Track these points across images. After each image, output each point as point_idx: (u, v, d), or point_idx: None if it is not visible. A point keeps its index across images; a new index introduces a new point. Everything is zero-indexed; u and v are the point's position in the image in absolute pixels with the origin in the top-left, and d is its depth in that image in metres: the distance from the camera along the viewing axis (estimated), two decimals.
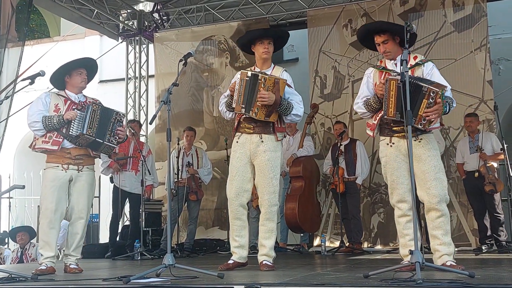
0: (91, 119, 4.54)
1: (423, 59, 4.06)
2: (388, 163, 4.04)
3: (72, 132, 4.51)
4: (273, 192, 4.31)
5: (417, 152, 3.90)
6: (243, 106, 4.23)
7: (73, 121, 4.51)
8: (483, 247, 6.46)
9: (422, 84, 3.75)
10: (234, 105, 4.30)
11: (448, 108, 3.85)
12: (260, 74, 4.25)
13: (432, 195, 3.86)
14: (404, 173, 3.93)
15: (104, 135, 4.62)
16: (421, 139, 3.92)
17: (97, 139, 4.56)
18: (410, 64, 3.96)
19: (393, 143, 3.99)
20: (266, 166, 4.29)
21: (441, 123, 4.08)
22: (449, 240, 3.86)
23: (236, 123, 4.42)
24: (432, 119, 3.78)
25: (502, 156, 6.58)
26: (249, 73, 4.27)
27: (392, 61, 4.08)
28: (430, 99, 3.71)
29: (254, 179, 4.38)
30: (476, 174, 6.54)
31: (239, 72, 4.45)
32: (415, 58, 4.06)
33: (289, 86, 4.38)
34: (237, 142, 4.38)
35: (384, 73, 4.05)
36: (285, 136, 4.62)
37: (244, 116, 4.33)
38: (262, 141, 4.30)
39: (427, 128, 3.86)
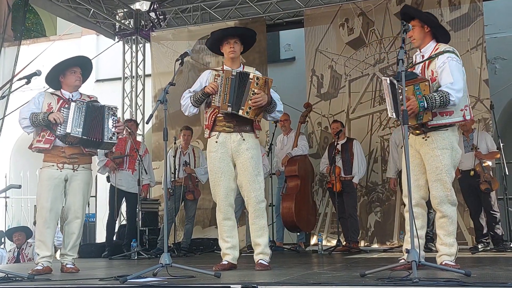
0: (76, 117, 4.50)
1: (441, 50, 3.87)
2: (403, 157, 4.04)
3: (59, 132, 4.51)
4: (259, 189, 4.28)
5: (423, 150, 3.88)
6: (230, 104, 4.21)
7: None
8: (479, 246, 6.47)
9: (395, 82, 3.65)
10: (218, 104, 4.22)
11: (425, 103, 3.66)
12: (251, 73, 4.23)
13: (432, 197, 3.86)
14: (413, 168, 3.85)
15: (98, 133, 4.59)
16: (428, 137, 3.85)
17: (83, 137, 4.52)
18: (428, 56, 3.91)
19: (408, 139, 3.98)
20: (250, 164, 4.26)
21: (464, 117, 3.85)
22: (450, 241, 3.84)
23: (211, 121, 4.33)
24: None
25: (498, 155, 6.60)
26: (234, 72, 4.26)
27: (419, 52, 4.01)
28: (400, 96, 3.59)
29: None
30: (472, 172, 6.54)
31: (208, 71, 4.43)
32: (436, 49, 3.92)
33: None
34: (216, 141, 4.31)
35: (413, 67, 3.99)
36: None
37: (222, 114, 4.28)
38: (244, 139, 4.28)
39: (429, 124, 3.77)
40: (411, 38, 4.01)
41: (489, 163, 6.56)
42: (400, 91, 3.56)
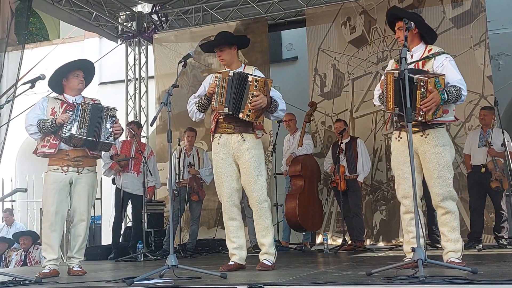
0: (82, 118, 4.53)
1: (436, 51, 3.98)
2: (396, 157, 4.04)
3: (64, 134, 4.53)
4: (260, 189, 4.27)
5: (422, 148, 3.89)
6: (226, 105, 4.22)
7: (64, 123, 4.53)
8: (471, 243, 6.32)
9: (413, 75, 3.69)
10: (216, 105, 4.25)
11: (446, 95, 3.74)
12: (250, 76, 4.21)
13: (435, 194, 3.88)
14: (409, 168, 3.88)
15: (97, 133, 4.60)
16: (427, 134, 3.88)
17: (88, 138, 4.55)
18: (420, 56, 3.98)
19: (401, 138, 3.98)
20: (251, 164, 4.27)
21: (455, 117, 4.01)
22: (455, 237, 3.86)
23: (214, 124, 4.38)
24: (430, 109, 3.72)
25: None
26: (231, 72, 4.27)
27: (409, 52, 4.01)
28: (422, 89, 3.67)
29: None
30: (483, 169, 6.45)
31: (211, 75, 4.47)
32: (429, 50, 4.00)
33: None
34: (218, 143, 4.34)
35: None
36: (264, 133, 4.58)
37: (222, 116, 4.30)
38: (244, 140, 4.29)
39: (428, 120, 3.78)
40: (399, 39, 4.07)
41: (501, 160, 6.48)
42: (417, 82, 3.61)
